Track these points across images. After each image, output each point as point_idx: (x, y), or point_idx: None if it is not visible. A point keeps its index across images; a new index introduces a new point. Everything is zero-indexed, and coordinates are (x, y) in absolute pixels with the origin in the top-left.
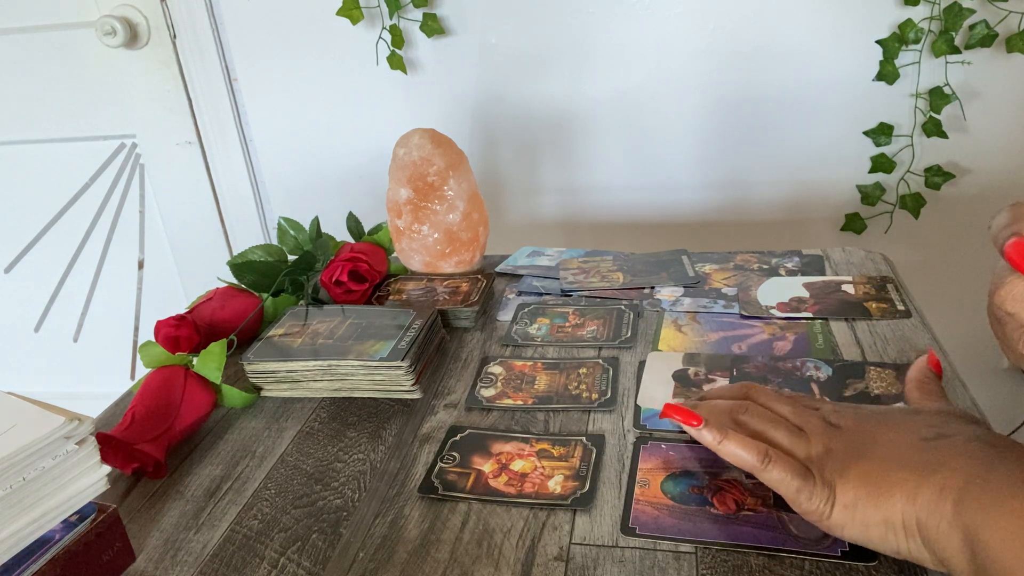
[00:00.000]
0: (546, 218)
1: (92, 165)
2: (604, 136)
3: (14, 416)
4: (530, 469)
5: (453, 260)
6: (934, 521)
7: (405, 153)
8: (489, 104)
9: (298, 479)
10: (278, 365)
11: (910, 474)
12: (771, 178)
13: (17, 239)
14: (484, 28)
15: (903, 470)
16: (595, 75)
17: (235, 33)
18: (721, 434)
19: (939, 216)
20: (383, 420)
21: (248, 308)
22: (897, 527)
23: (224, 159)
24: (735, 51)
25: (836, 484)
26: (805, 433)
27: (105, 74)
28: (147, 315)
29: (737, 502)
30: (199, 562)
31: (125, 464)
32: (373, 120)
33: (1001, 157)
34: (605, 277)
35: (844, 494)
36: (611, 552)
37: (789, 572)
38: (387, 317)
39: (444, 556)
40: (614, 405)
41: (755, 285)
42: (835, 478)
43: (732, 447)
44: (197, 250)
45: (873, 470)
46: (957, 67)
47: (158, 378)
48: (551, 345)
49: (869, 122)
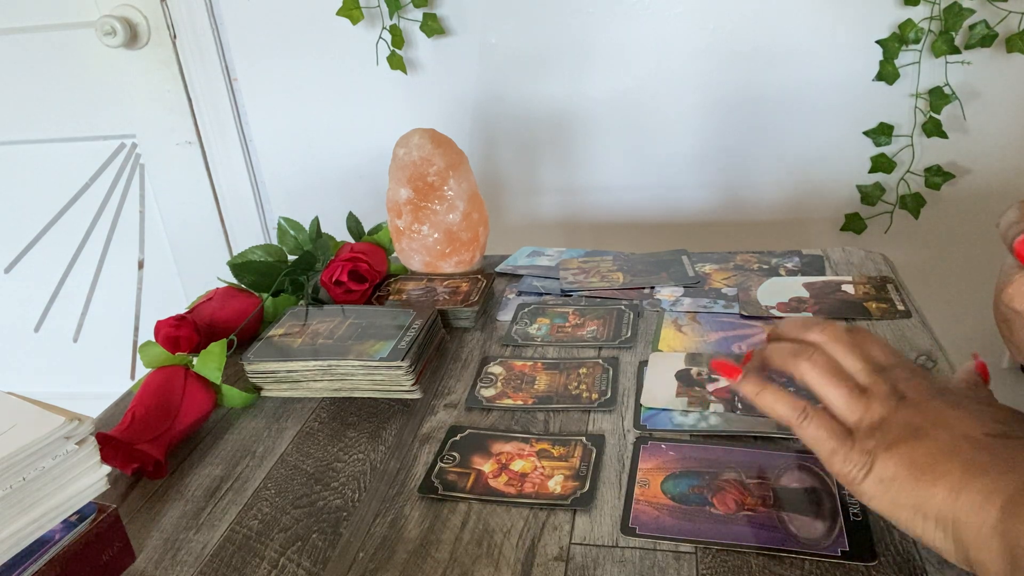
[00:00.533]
0: (546, 218)
1: (92, 165)
2: (604, 136)
3: (14, 416)
4: (530, 469)
5: (453, 260)
6: (975, 523)
7: (405, 153)
8: (489, 104)
9: (298, 479)
10: (278, 365)
11: (959, 469)
12: (771, 178)
13: (17, 239)
14: (484, 28)
15: (952, 462)
16: (595, 75)
17: (235, 33)
18: (760, 386)
19: (939, 216)
20: (383, 420)
21: (248, 308)
22: (929, 517)
23: (224, 159)
24: (735, 51)
25: (878, 456)
26: (867, 396)
27: (105, 74)
28: (147, 315)
29: (737, 502)
30: (199, 562)
31: (125, 464)
32: (373, 120)
33: (1001, 157)
34: (605, 277)
35: (884, 468)
36: (611, 552)
37: (789, 572)
38: (387, 317)
39: (444, 556)
40: (614, 405)
41: (755, 285)
42: (879, 450)
43: (769, 400)
44: (197, 250)
45: (922, 455)
46: (957, 67)
47: (158, 378)
48: (551, 345)
49: (869, 122)
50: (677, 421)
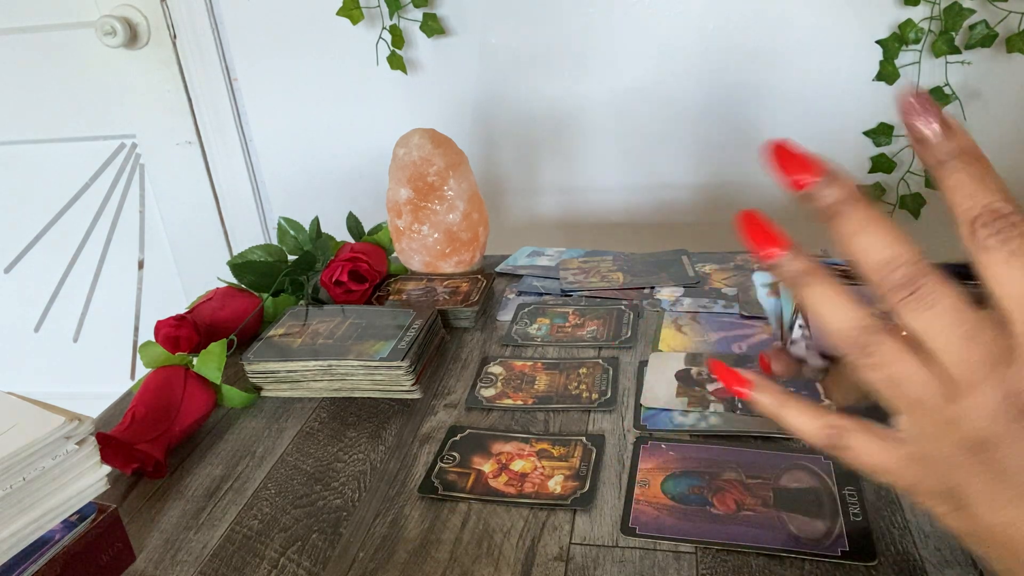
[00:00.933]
0: (546, 218)
1: (92, 165)
2: (604, 136)
3: (14, 416)
4: (530, 469)
5: (453, 260)
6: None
7: (405, 153)
8: (489, 104)
9: (298, 479)
10: (278, 365)
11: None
12: (771, 178)
13: (17, 239)
14: (484, 28)
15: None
16: (595, 75)
17: (235, 33)
18: (779, 400)
19: (939, 216)
20: (383, 420)
21: (248, 308)
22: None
23: (224, 159)
24: (735, 51)
25: (960, 506)
26: (957, 392)
27: (105, 74)
28: (147, 315)
29: (737, 502)
30: (199, 562)
31: (125, 464)
32: (373, 120)
33: (1001, 157)
34: (605, 277)
35: (962, 520)
36: (611, 552)
37: (789, 572)
38: (387, 317)
39: (444, 556)
40: (614, 405)
41: (755, 285)
42: (967, 498)
43: (791, 420)
44: (197, 250)
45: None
46: (957, 67)
47: (158, 378)
48: (551, 345)
49: (869, 122)
50: (677, 421)
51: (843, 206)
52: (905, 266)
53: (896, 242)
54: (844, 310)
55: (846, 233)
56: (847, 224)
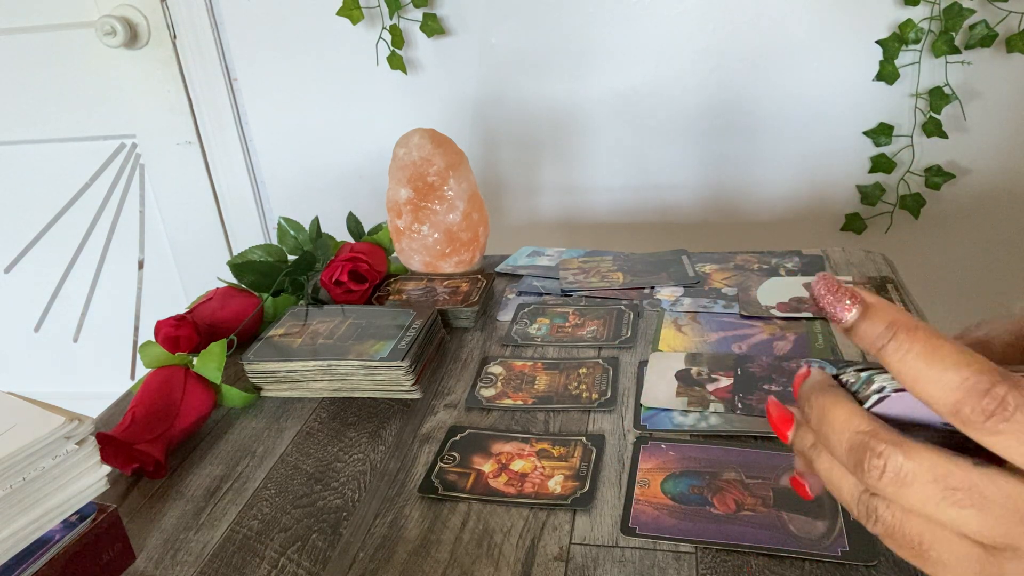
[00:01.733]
0: (546, 218)
1: (92, 165)
2: (604, 136)
3: (14, 416)
4: (530, 469)
5: (453, 260)
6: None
7: (405, 153)
8: (489, 104)
9: (298, 479)
10: (278, 365)
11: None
12: (771, 178)
13: (17, 239)
14: (484, 28)
15: None
16: (595, 75)
17: (235, 33)
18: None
19: (939, 216)
20: (383, 420)
21: (248, 308)
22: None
23: (224, 159)
24: (735, 51)
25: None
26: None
27: (105, 74)
28: (147, 315)
29: (737, 502)
30: (199, 562)
31: (125, 464)
32: (373, 120)
33: (1001, 157)
34: (605, 277)
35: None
36: (611, 552)
37: (789, 572)
38: (387, 317)
39: (444, 556)
40: (614, 405)
41: (755, 285)
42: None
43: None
44: (197, 250)
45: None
46: (957, 67)
47: (158, 378)
48: (551, 345)
49: (869, 122)
50: (677, 421)
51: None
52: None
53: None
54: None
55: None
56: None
